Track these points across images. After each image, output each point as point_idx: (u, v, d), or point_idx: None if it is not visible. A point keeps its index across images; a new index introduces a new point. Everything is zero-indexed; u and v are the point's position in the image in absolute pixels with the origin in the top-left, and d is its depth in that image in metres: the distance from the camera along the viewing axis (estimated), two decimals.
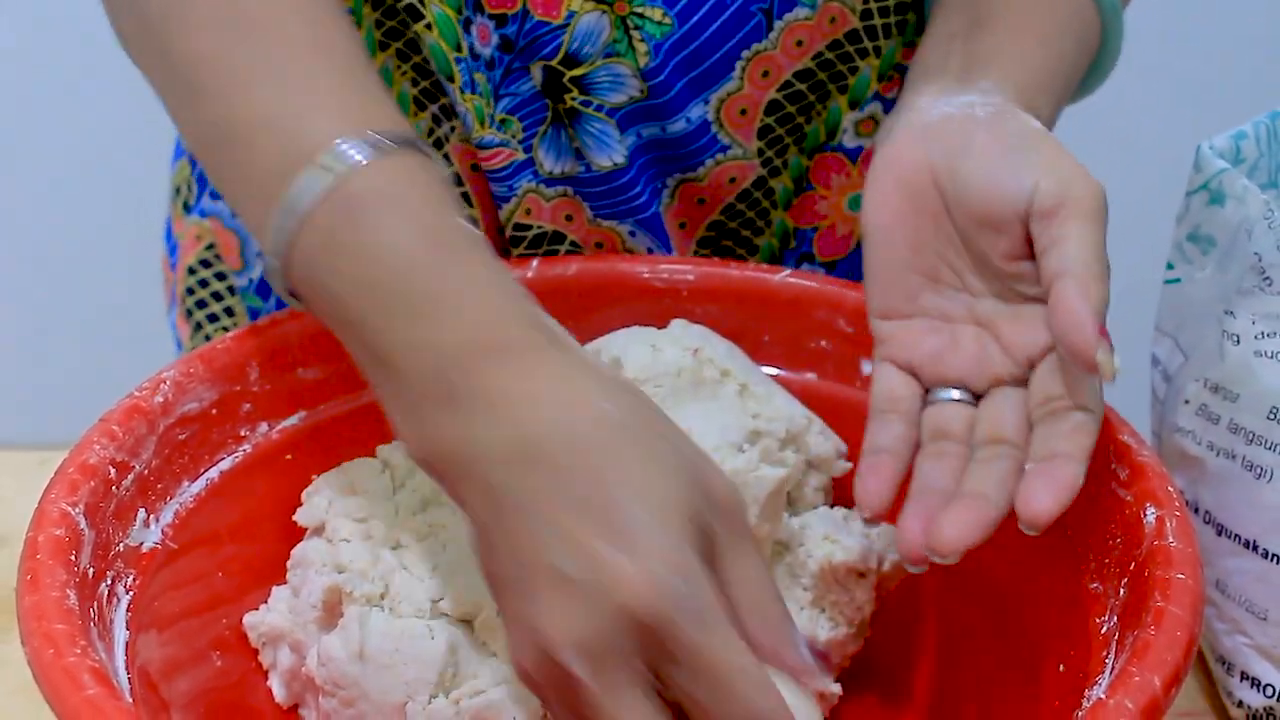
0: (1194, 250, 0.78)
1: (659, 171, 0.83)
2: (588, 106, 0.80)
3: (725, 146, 0.82)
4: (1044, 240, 0.64)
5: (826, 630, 0.70)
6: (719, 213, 0.85)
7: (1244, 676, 0.75)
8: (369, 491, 0.70)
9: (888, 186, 0.68)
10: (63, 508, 0.62)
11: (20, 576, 0.59)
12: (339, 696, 0.67)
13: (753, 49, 0.80)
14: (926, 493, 0.64)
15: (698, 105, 0.81)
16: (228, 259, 0.92)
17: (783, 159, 0.84)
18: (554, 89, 0.80)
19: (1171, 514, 0.63)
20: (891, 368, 0.68)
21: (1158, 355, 0.81)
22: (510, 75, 0.79)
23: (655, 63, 0.79)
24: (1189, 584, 0.60)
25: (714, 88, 0.81)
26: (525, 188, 0.82)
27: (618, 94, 0.80)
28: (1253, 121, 0.79)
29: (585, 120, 0.81)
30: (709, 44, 0.80)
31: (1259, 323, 0.73)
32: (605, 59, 0.79)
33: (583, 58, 0.79)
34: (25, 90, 1.82)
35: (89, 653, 0.56)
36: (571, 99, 0.80)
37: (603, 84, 0.80)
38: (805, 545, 0.70)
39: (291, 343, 0.74)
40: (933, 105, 0.69)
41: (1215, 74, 1.60)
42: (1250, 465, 0.73)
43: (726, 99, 0.81)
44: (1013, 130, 0.67)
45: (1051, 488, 0.61)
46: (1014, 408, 0.65)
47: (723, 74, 0.81)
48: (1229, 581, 0.75)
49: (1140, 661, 0.56)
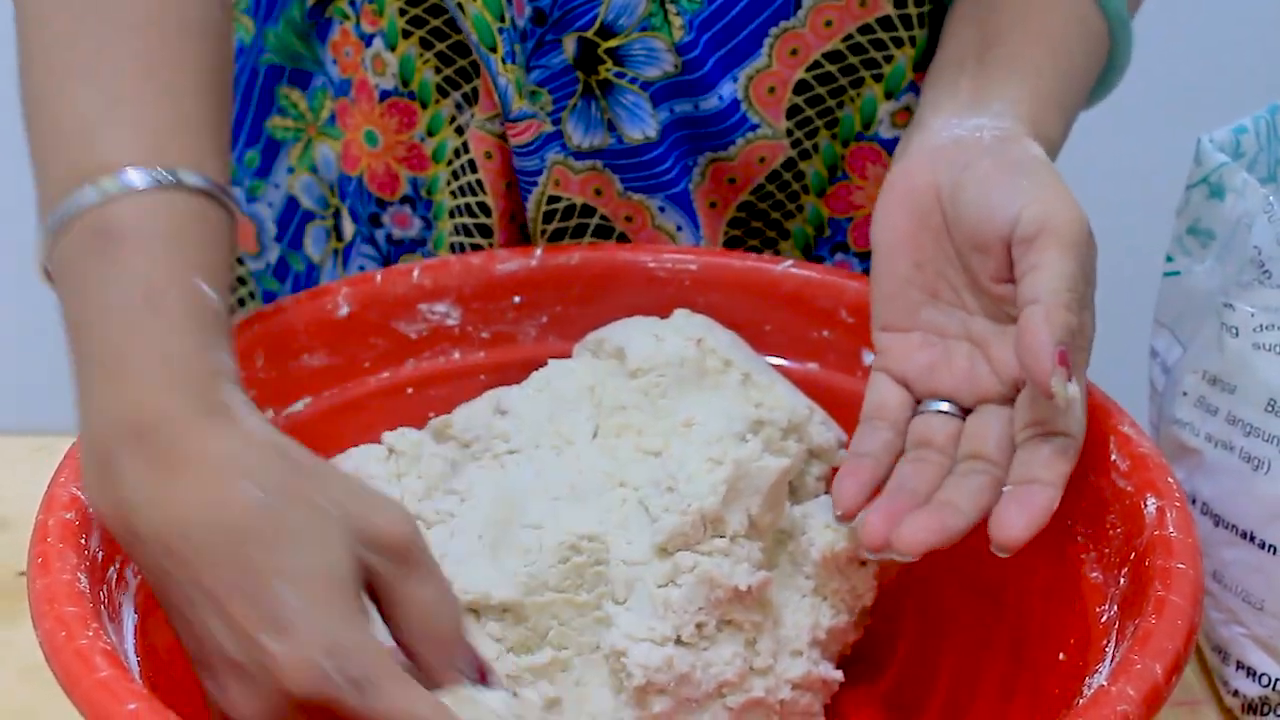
0: (1193, 243, 0.78)
1: (690, 149, 0.83)
2: (621, 79, 0.81)
3: (754, 125, 0.83)
4: (1022, 265, 0.66)
5: (828, 618, 0.70)
6: (749, 193, 0.85)
7: (1240, 666, 0.76)
8: (374, 478, 0.70)
9: (895, 205, 0.71)
10: (72, 491, 0.62)
11: (31, 560, 0.60)
12: None
13: (781, 26, 0.81)
14: (900, 492, 0.67)
15: (728, 83, 0.81)
16: (244, 244, 0.92)
17: (813, 141, 0.84)
18: (588, 61, 0.80)
19: (1172, 505, 0.63)
20: (886, 378, 0.71)
21: (1156, 347, 0.81)
22: (542, 48, 0.80)
23: (689, 38, 0.80)
24: (1189, 573, 0.60)
25: (743, 64, 0.81)
26: (553, 159, 0.82)
27: (652, 68, 0.80)
28: (1253, 116, 0.80)
29: (619, 92, 0.81)
30: (738, 20, 0.80)
31: (1258, 315, 0.73)
32: (640, 32, 0.79)
33: (618, 29, 0.79)
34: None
35: (101, 635, 0.56)
36: (606, 70, 0.80)
37: (638, 57, 0.80)
38: (807, 534, 0.70)
39: (296, 330, 0.74)
40: (945, 126, 0.72)
41: (1215, 68, 1.60)
42: (1248, 457, 0.74)
43: (755, 76, 0.82)
44: (1013, 157, 0.69)
45: (1025, 513, 0.63)
46: (998, 426, 0.67)
47: (751, 50, 0.81)
48: (1226, 572, 0.76)
49: (1142, 650, 0.57)
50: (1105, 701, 0.55)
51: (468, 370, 0.77)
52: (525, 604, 0.66)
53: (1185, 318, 0.79)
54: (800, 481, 0.73)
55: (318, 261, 0.90)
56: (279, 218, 0.90)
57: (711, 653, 0.67)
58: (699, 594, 0.66)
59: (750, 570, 0.67)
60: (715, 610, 0.67)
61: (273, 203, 0.90)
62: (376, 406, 0.75)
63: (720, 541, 0.67)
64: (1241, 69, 1.55)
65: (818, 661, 0.70)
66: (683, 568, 0.67)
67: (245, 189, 0.90)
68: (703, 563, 0.67)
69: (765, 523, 0.69)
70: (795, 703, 0.69)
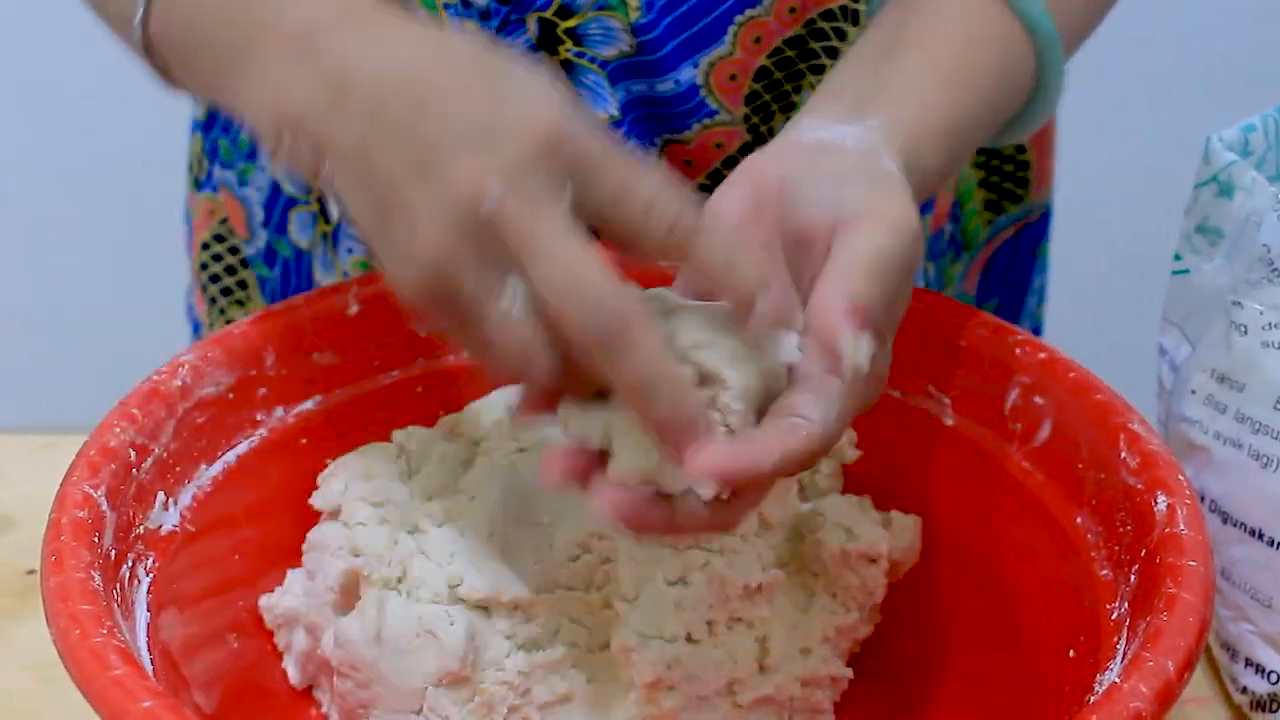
0: (1202, 242, 0.78)
1: (648, 129, 0.83)
2: (581, 59, 0.81)
3: (713, 111, 0.82)
4: (836, 244, 0.62)
5: (838, 615, 0.70)
6: (705, 177, 0.85)
7: (1248, 663, 0.76)
8: (385, 475, 0.71)
9: (737, 188, 0.66)
10: (85, 490, 0.62)
11: (44, 557, 0.60)
12: (354, 678, 0.67)
13: (746, 14, 0.81)
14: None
15: (687, 68, 0.81)
16: (237, 229, 0.92)
17: (768, 126, 0.84)
18: (549, 41, 0.81)
19: (1182, 502, 0.63)
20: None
21: (1165, 345, 0.81)
22: (507, 26, 0.80)
23: (648, 18, 0.80)
24: (1200, 571, 0.60)
25: (705, 50, 0.81)
26: None
27: (609, 47, 0.81)
28: (1261, 114, 0.80)
29: (580, 72, 0.81)
30: (701, 6, 0.80)
31: (1267, 313, 0.74)
32: (597, 11, 0.80)
33: (576, 8, 0.80)
34: (36, 70, 1.82)
35: (115, 633, 0.56)
36: (565, 50, 0.81)
37: (595, 36, 0.80)
38: (817, 532, 0.70)
39: (306, 327, 0.74)
40: (815, 128, 0.68)
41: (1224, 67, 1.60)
42: (1256, 454, 0.74)
43: (717, 63, 0.81)
44: (863, 164, 0.66)
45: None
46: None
47: (715, 37, 0.81)
48: (1234, 569, 0.76)
49: (1153, 647, 0.57)
50: (1118, 698, 0.55)
51: (477, 368, 0.77)
52: (536, 602, 0.66)
53: (1194, 316, 0.79)
54: (810, 480, 0.74)
55: (306, 247, 0.90)
56: (265, 202, 0.90)
57: (722, 650, 0.67)
58: (709, 592, 0.66)
59: (760, 568, 0.68)
60: (725, 608, 0.67)
61: (260, 187, 0.90)
62: (387, 405, 0.75)
63: (731, 539, 0.67)
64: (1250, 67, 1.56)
65: (828, 659, 0.70)
66: (693, 565, 0.67)
67: (237, 171, 0.90)
68: (713, 561, 0.67)
69: (775, 520, 0.70)
70: (805, 700, 0.70)
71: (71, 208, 1.86)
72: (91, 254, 1.86)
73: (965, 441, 0.73)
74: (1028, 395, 0.71)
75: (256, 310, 0.81)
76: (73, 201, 1.86)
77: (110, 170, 1.80)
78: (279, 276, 0.93)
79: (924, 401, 0.74)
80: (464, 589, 0.66)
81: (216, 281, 0.95)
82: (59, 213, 1.87)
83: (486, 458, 0.71)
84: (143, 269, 1.35)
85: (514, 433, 0.71)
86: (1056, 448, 0.70)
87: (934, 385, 0.73)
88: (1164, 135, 1.30)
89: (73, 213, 1.86)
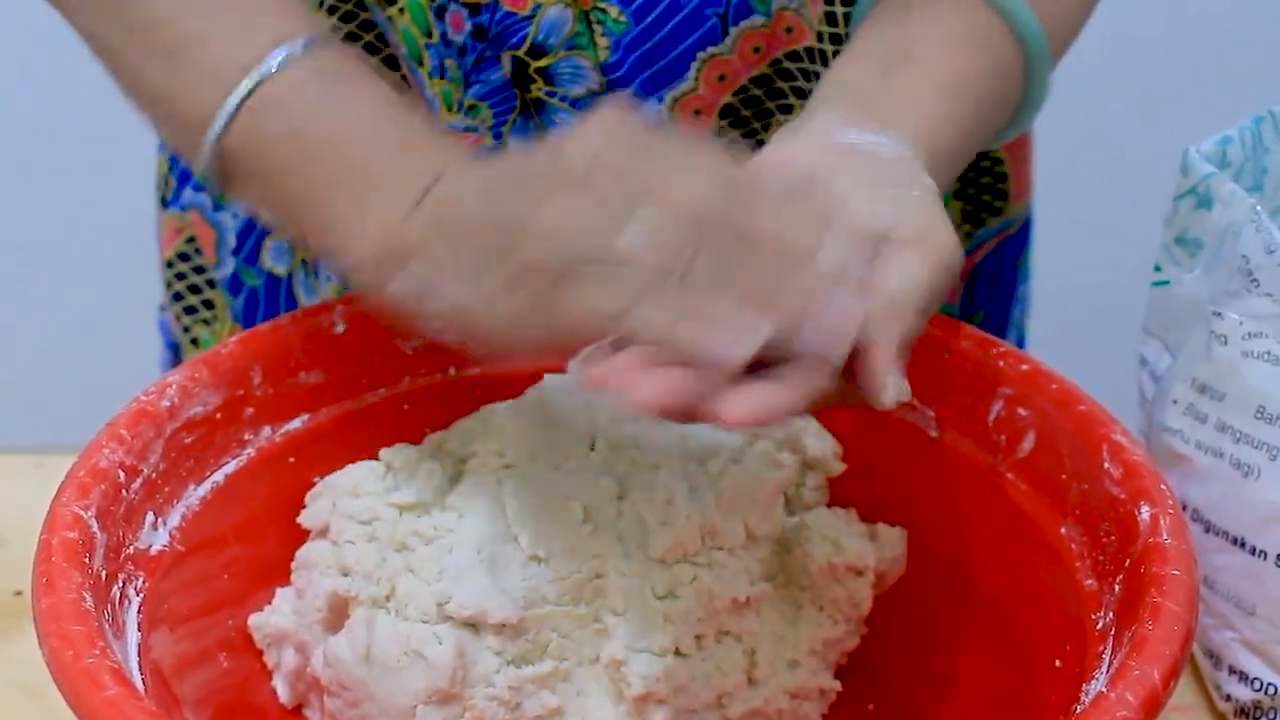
0: (1181, 253, 0.79)
1: None
2: (552, 97, 0.81)
3: None
4: (885, 257, 0.62)
5: (825, 628, 0.71)
6: None
7: (1232, 671, 0.77)
8: (372, 494, 0.71)
9: (763, 170, 0.65)
10: (75, 511, 0.62)
11: (36, 579, 0.60)
12: (344, 697, 0.68)
13: (709, 52, 0.81)
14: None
15: (653, 103, 0.82)
16: (206, 252, 0.92)
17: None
18: (521, 79, 0.81)
19: (1165, 511, 0.64)
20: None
21: (1146, 356, 0.82)
22: (482, 63, 0.81)
23: (615, 57, 0.80)
24: (1184, 580, 0.61)
25: (669, 86, 0.82)
26: None
27: (578, 86, 0.81)
28: (1239, 126, 0.81)
29: (551, 110, 0.82)
30: (665, 43, 0.81)
31: (1246, 323, 0.74)
32: (568, 51, 0.80)
33: (547, 49, 0.80)
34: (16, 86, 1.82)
35: (107, 654, 0.56)
36: (537, 89, 0.81)
37: (565, 75, 0.81)
38: (804, 545, 0.71)
39: (293, 347, 0.74)
40: (842, 127, 0.67)
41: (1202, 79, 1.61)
42: (1237, 463, 0.75)
43: (681, 98, 0.82)
44: (906, 174, 0.66)
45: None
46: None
47: (678, 73, 0.81)
48: (1217, 578, 0.76)
49: (1139, 656, 0.58)
50: (1105, 707, 0.55)
51: (464, 386, 0.77)
52: (525, 617, 0.67)
53: (1174, 327, 0.79)
54: (796, 493, 0.74)
55: (281, 274, 0.90)
56: (240, 229, 0.90)
57: (710, 663, 0.67)
58: (697, 605, 0.67)
59: (748, 581, 0.68)
60: (714, 621, 0.67)
61: (236, 213, 0.90)
62: (373, 423, 0.76)
63: (718, 553, 0.68)
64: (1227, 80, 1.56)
65: (816, 671, 0.70)
66: (681, 580, 0.67)
67: (214, 196, 0.90)
68: (701, 575, 0.67)
69: (762, 534, 0.70)
70: (793, 712, 0.70)
71: (59, 226, 1.86)
72: (77, 272, 1.86)
73: (950, 454, 0.73)
74: (1011, 407, 0.71)
75: (242, 331, 0.81)
76: (60, 220, 1.86)
77: (98, 189, 1.79)
78: (242, 306, 0.93)
79: (909, 414, 0.74)
80: (452, 606, 0.66)
81: (180, 300, 0.95)
82: (46, 231, 1.87)
83: (474, 475, 0.72)
84: (129, 287, 1.35)
85: (502, 449, 0.71)
86: (1040, 459, 0.70)
87: (919, 398, 0.74)
88: (1143, 147, 1.31)
89: (60, 231, 1.86)
